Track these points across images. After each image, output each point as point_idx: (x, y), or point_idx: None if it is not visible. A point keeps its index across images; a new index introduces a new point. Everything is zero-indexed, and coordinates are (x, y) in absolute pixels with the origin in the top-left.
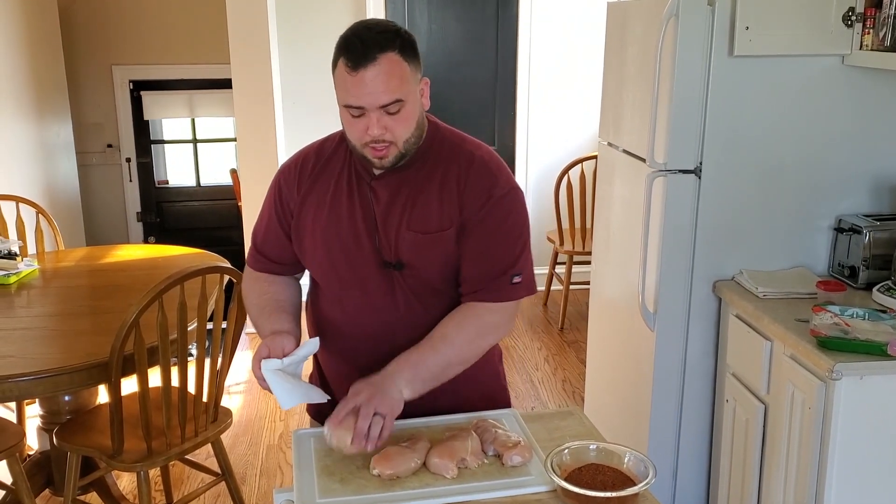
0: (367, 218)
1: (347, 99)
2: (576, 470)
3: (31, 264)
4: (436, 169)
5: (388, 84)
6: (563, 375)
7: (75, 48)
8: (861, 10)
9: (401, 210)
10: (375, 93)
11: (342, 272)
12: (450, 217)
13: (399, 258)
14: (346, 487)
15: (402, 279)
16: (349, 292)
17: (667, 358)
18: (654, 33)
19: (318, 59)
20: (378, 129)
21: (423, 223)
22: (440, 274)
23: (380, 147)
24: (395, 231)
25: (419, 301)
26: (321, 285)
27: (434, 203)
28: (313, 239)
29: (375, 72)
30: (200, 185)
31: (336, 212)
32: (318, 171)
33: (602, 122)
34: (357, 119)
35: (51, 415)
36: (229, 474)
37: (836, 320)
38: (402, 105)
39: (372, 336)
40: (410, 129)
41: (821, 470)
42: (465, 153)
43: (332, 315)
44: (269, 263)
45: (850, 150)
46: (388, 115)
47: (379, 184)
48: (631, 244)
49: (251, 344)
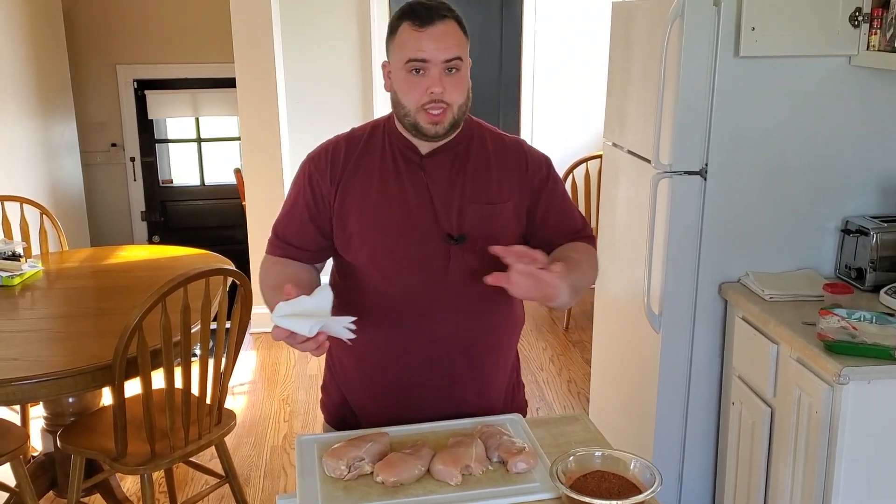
0: (421, 196)
1: (413, 53)
2: (581, 477)
3: (35, 265)
4: (482, 147)
5: (451, 41)
6: (569, 376)
7: (79, 47)
8: (868, 11)
9: (461, 185)
10: (441, 47)
11: (396, 251)
12: (509, 190)
13: (462, 231)
14: (350, 495)
15: (461, 254)
16: (403, 271)
17: (672, 360)
18: (660, 34)
19: (323, 59)
20: (439, 86)
21: (485, 195)
22: (497, 245)
23: (437, 109)
24: (457, 205)
25: (473, 277)
26: (367, 268)
27: (491, 177)
28: (361, 222)
29: (442, 29)
30: (205, 184)
31: (386, 193)
32: (357, 157)
33: (607, 122)
34: (418, 79)
35: (55, 417)
36: (233, 477)
37: (844, 324)
38: (461, 65)
39: (422, 313)
40: (464, 95)
41: (828, 475)
42: (506, 137)
43: (378, 298)
44: (290, 248)
45: (857, 151)
46: (447, 76)
47: (430, 162)
48: (636, 245)
49: (255, 344)
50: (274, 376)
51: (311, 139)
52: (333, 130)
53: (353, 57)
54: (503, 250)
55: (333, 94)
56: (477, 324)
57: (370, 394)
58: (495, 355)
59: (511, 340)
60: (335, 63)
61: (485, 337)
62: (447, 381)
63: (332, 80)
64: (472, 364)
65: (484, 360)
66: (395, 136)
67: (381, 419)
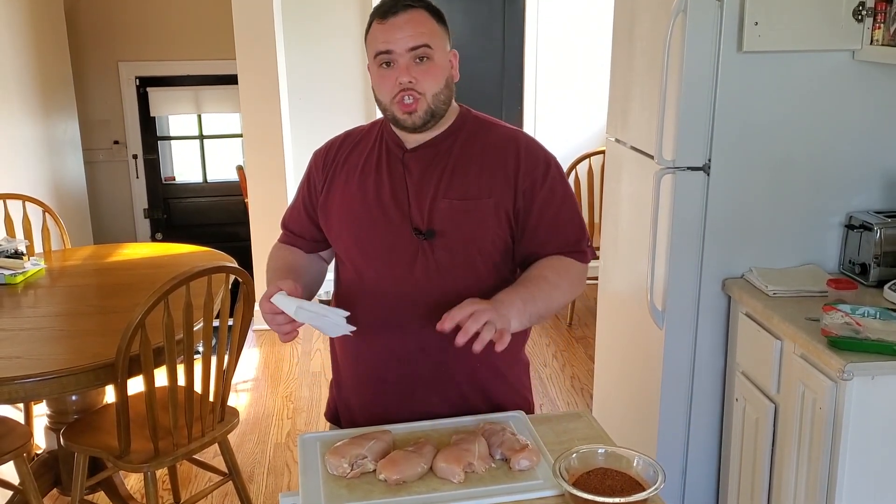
0: (396, 189)
1: (379, 46)
2: (584, 474)
3: (37, 263)
4: (472, 143)
5: (415, 29)
6: (572, 372)
7: (81, 45)
8: (871, 5)
9: (437, 180)
10: (404, 36)
11: (366, 243)
12: (489, 187)
13: (431, 227)
14: (353, 493)
15: (430, 249)
16: (373, 264)
17: (676, 356)
18: (663, 29)
19: (325, 56)
20: (406, 75)
21: (459, 190)
22: (472, 242)
23: (409, 98)
24: (429, 200)
25: (441, 274)
26: (344, 260)
27: (473, 173)
28: (339, 213)
29: (405, 19)
30: (207, 181)
31: (363, 185)
32: (348, 152)
33: (609, 118)
34: (388, 71)
35: (58, 414)
36: (236, 474)
37: (848, 319)
38: (430, 53)
39: (389, 307)
40: (439, 84)
41: (832, 471)
42: (505, 130)
43: (353, 289)
44: (292, 236)
45: (861, 146)
46: (416, 65)
47: (411, 156)
48: (639, 241)
49: (258, 341)
50: (277, 373)
51: (313, 136)
52: (335, 127)
53: (354, 53)
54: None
55: (335, 91)
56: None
57: (353, 390)
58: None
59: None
60: (337, 59)
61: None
62: (410, 379)
63: (334, 76)
64: (437, 364)
65: (451, 361)
66: (388, 131)
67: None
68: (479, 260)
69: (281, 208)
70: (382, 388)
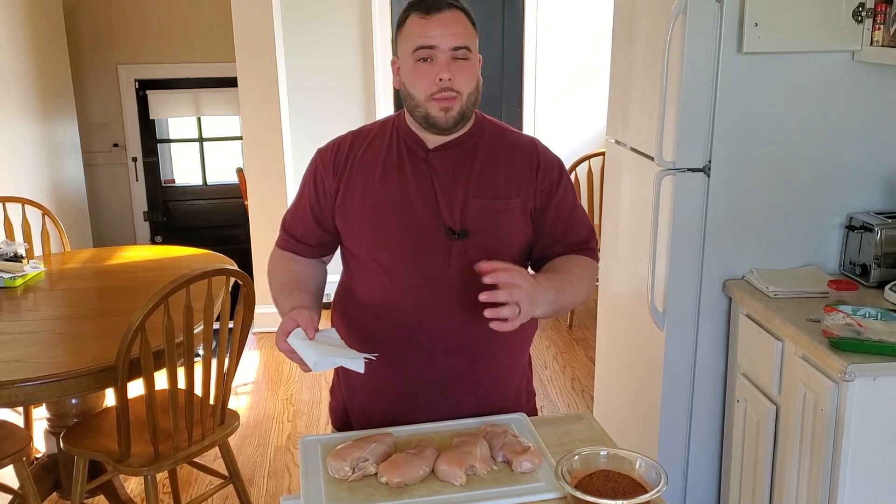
0: (424, 190)
1: (420, 41)
2: (586, 476)
3: (37, 267)
4: (492, 143)
5: (458, 29)
6: (573, 374)
7: (80, 48)
8: (871, 6)
9: (466, 180)
10: (448, 34)
11: (394, 244)
12: (517, 188)
13: (464, 227)
14: (354, 496)
15: (463, 249)
16: (403, 265)
17: (676, 357)
18: (663, 30)
19: (325, 58)
20: (447, 72)
21: (490, 191)
22: (504, 243)
23: (446, 97)
24: (460, 200)
25: (475, 274)
26: (369, 261)
27: (501, 173)
28: (361, 215)
29: (449, 16)
30: (207, 184)
31: (387, 186)
32: (362, 151)
33: (609, 119)
34: (426, 66)
35: (58, 418)
36: (237, 477)
37: (849, 321)
38: (468, 54)
39: (421, 308)
40: (472, 83)
41: (833, 472)
42: (520, 136)
43: (379, 291)
44: (295, 243)
45: (862, 146)
46: (455, 63)
47: (435, 156)
48: (640, 242)
49: (258, 344)
50: (277, 376)
51: (312, 138)
52: (335, 129)
53: (354, 56)
54: (488, 266)
55: (335, 94)
56: (478, 322)
57: (369, 392)
58: (498, 357)
59: (517, 345)
60: (337, 62)
61: (485, 337)
62: (444, 380)
63: (334, 79)
64: (472, 364)
65: (485, 362)
66: (404, 130)
67: (380, 419)
68: (508, 258)
69: (281, 210)
70: (416, 391)
